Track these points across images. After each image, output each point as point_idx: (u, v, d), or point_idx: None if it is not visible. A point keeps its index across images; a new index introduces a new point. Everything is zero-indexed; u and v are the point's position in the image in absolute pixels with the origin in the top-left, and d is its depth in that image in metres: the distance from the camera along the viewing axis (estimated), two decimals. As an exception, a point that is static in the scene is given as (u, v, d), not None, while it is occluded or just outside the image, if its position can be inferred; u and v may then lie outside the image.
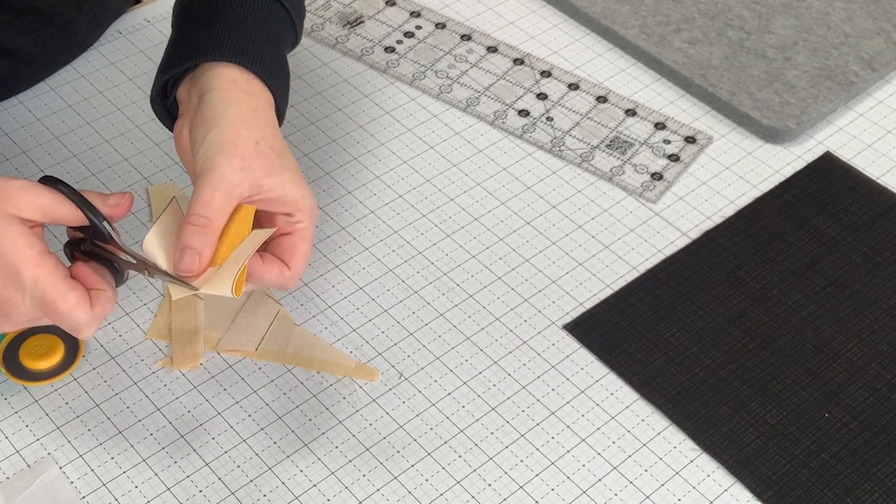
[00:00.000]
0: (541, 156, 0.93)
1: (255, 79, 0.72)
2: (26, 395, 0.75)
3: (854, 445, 0.74)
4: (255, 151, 0.68)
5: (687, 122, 0.97)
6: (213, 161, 0.67)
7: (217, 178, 0.67)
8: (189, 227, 0.67)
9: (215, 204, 0.67)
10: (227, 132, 0.69)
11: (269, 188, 0.68)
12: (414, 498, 0.71)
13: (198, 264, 0.66)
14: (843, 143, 0.95)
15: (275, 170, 0.69)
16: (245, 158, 0.68)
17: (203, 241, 0.66)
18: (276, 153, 0.70)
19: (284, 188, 0.69)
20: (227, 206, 0.67)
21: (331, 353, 0.78)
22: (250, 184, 0.68)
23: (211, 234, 0.67)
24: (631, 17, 1.04)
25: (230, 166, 0.67)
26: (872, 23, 1.03)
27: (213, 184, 0.67)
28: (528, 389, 0.77)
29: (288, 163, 0.70)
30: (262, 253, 0.69)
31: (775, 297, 0.83)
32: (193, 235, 0.66)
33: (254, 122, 0.70)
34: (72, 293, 0.64)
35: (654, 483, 0.72)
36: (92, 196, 0.67)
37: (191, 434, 0.73)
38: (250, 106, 0.71)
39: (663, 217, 0.89)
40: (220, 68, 0.71)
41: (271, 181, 0.69)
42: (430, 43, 1.02)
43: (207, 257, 0.67)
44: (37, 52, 0.93)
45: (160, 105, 0.76)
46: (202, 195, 0.67)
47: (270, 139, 0.70)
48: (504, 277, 0.84)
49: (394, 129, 0.95)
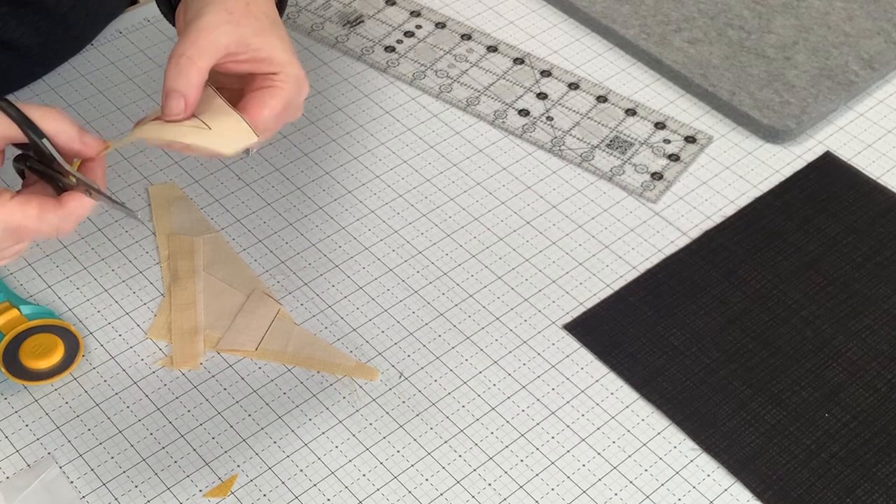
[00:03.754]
0: (541, 155, 0.93)
1: None
2: (26, 395, 0.75)
3: (854, 445, 0.74)
4: (246, 11, 0.67)
5: (687, 121, 0.97)
6: (200, 12, 0.65)
7: (202, 24, 0.65)
8: (172, 67, 0.64)
9: (200, 44, 0.64)
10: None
11: (257, 47, 0.66)
12: (414, 498, 0.71)
13: (182, 107, 0.64)
14: (844, 142, 0.95)
15: (265, 31, 0.67)
16: (233, 14, 0.66)
17: (187, 82, 0.64)
18: (269, 20, 0.68)
19: (273, 49, 0.67)
20: (212, 49, 0.65)
21: (331, 353, 0.78)
22: (237, 39, 0.66)
23: (195, 74, 0.64)
24: (631, 17, 1.04)
25: (217, 16, 0.65)
26: (872, 22, 1.03)
27: (198, 28, 0.65)
28: (528, 389, 0.77)
29: (280, 31, 0.68)
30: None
31: (775, 297, 0.83)
32: (178, 76, 0.64)
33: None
34: (29, 204, 0.62)
35: (654, 483, 0.72)
36: (46, 114, 0.63)
37: (191, 434, 0.73)
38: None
39: (663, 217, 0.89)
40: None
41: (260, 40, 0.67)
42: (430, 42, 1.02)
43: (193, 100, 0.64)
44: (34, 45, 0.93)
45: (165, 4, 0.75)
46: (186, 37, 0.64)
47: (264, 6, 0.68)
48: (504, 277, 0.84)
49: (394, 129, 0.95)
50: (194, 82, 0.64)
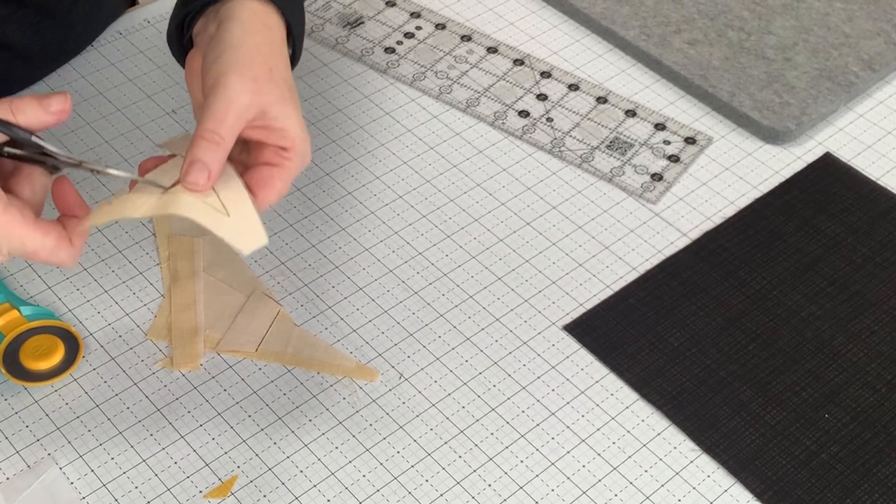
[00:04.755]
0: (541, 156, 0.93)
1: (275, 14, 0.71)
2: (26, 396, 0.75)
3: (854, 445, 0.74)
4: (268, 78, 0.67)
5: (687, 122, 0.97)
6: (227, 79, 0.66)
7: (231, 95, 0.66)
8: (202, 142, 0.65)
9: (228, 122, 0.65)
10: (243, 55, 0.67)
11: (275, 117, 0.67)
12: (414, 498, 0.71)
13: (206, 179, 0.65)
14: (843, 143, 0.95)
15: (285, 100, 0.68)
16: (258, 82, 0.67)
17: (214, 158, 0.65)
18: (287, 86, 0.69)
19: (289, 121, 0.68)
20: (238, 126, 0.66)
21: (331, 354, 0.78)
22: (259, 108, 0.67)
23: (221, 152, 0.65)
24: (631, 18, 1.04)
25: (244, 86, 0.66)
26: (872, 23, 1.03)
27: (227, 101, 0.66)
28: (528, 390, 0.77)
29: (295, 98, 0.69)
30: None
31: (775, 298, 0.83)
32: (206, 150, 0.65)
33: (269, 53, 0.69)
34: (49, 237, 0.63)
35: (654, 484, 0.72)
36: (22, 104, 0.64)
37: (191, 435, 0.73)
38: (267, 38, 0.70)
39: (663, 218, 0.89)
40: (242, 1, 0.70)
41: (279, 110, 0.67)
42: (431, 44, 1.02)
43: (216, 174, 0.65)
44: (34, 47, 0.93)
45: (176, 42, 0.75)
46: (215, 111, 0.65)
47: (283, 71, 0.69)
48: (504, 278, 0.84)
49: (394, 130, 0.95)
50: (221, 159, 0.65)
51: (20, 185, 0.65)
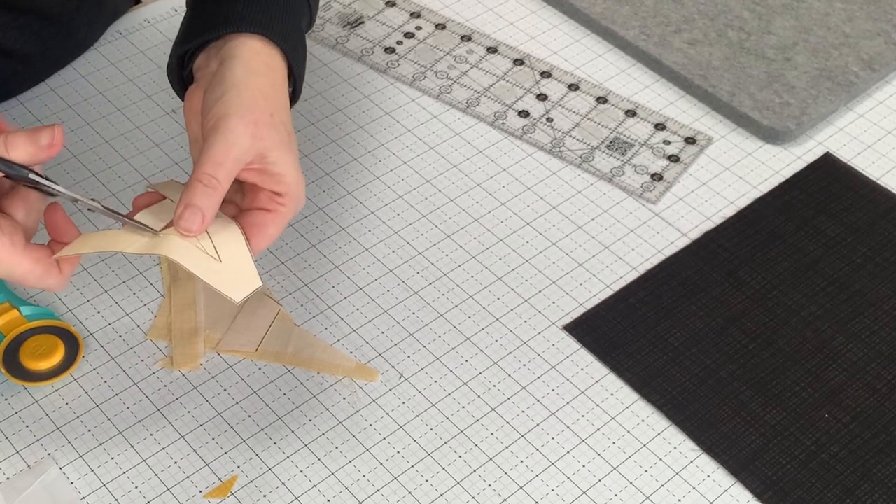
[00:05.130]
0: (541, 156, 0.93)
1: (277, 54, 0.71)
2: (26, 396, 0.75)
3: (854, 445, 0.74)
4: (269, 122, 0.67)
5: (687, 122, 0.97)
6: (228, 122, 0.66)
7: (231, 139, 0.65)
8: (197, 185, 0.64)
9: (227, 167, 0.65)
10: (245, 97, 0.67)
11: (273, 162, 0.67)
12: (414, 498, 0.71)
13: (199, 225, 0.65)
14: (843, 143, 0.95)
15: (283, 145, 0.68)
16: (259, 126, 0.67)
17: (209, 203, 0.65)
18: (287, 131, 0.69)
19: (287, 167, 0.68)
20: (235, 170, 0.66)
21: (331, 354, 0.78)
22: (258, 152, 0.67)
23: (217, 197, 0.65)
24: (631, 18, 1.04)
25: (245, 130, 0.66)
26: (872, 23, 1.03)
27: (227, 145, 0.65)
28: (528, 390, 0.77)
29: (293, 144, 0.70)
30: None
31: (775, 298, 0.83)
32: (202, 195, 0.64)
33: (271, 95, 0.69)
34: (38, 266, 0.64)
35: (654, 484, 0.72)
36: (15, 138, 0.63)
37: (191, 434, 0.73)
38: (269, 80, 0.70)
39: (663, 218, 0.89)
40: (244, 39, 0.70)
41: (277, 156, 0.67)
42: (431, 44, 1.02)
43: (210, 219, 0.65)
44: (36, 53, 0.93)
45: (176, 75, 0.74)
46: (214, 155, 0.65)
47: (283, 115, 0.69)
48: (504, 278, 0.84)
49: (394, 130, 0.95)
50: (216, 204, 0.65)
51: (15, 205, 0.65)
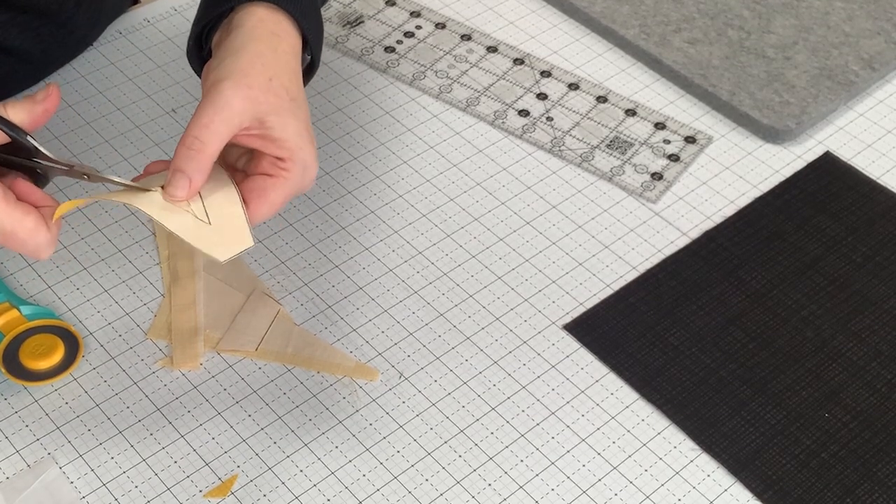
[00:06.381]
0: (541, 156, 0.93)
1: (286, 20, 0.70)
2: (26, 395, 0.75)
3: (854, 445, 0.74)
4: (266, 87, 0.66)
5: (687, 121, 0.97)
6: (220, 86, 0.65)
7: (219, 102, 0.65)
8: (182, 150, 0.64)
9: (213, 128, 0.64)
10: (242, 62, 0.66)
11: (271, 126, 0.66)
12: (414, 498, 0.71)
13: (185, 189, 0.64)
14: (843, 142, 0.95)
15: (282, 110, 0.67)
16: (253, 89, 0.65)
17: (194, 166, 0.64)
18: (290, 96, 0.68)
19: (287, 131, 0.67)
20: (224, 132, 0.65)
21: (331, 353, 0.78)
22: (253, 116, 0.66)
23: (204, 160, 0.64)
24: (631, 17, 1.04)
25: (236, 93, 0.65)
26: (872, 23, 1.03)
27: (215, 107, 0.65)
28: (528, 389, 0.77)
29: (299, 111, 0.68)
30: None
31: (775, 297, 0.83)
32: (185, 158, 0.64)
33: (271, 60, 0.67)
34: (28, 218, 0.63)
35: (654, 483, 0.72)
36: (13, 107, 0.64)
37: (191, 434, 0.73)
38: (271, 45, 0.68)
39: (663, 217, 0.89)
40: (252, 8, 0.69)
41: (276, 120, 0.66)
42: (430, 43, 1.02)
43: (198, 183, 0.64)
44: (35, 51, 0.93)
45: (196, 57, 0.74)
46: (201, 116, 0.64)
47: (286, 80, 0.68)
48: (504, 277, 0.84)
49: (394, 129, 0.95)
50: (202, 167, 0.64)
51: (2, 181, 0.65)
